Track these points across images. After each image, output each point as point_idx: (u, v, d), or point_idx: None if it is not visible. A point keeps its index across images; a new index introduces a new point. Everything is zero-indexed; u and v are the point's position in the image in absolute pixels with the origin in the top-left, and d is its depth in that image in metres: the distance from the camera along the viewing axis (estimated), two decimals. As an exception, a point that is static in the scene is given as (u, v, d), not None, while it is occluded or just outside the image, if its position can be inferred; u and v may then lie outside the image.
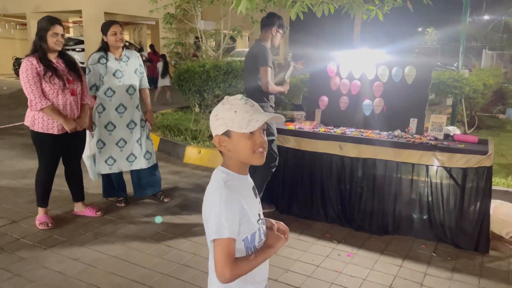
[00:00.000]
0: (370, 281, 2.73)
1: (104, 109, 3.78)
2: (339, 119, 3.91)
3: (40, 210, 3.50)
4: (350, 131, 3.65)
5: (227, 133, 1.28)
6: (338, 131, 3.66)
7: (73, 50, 15.33)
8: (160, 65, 11.53)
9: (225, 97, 1.33)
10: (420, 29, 25.00)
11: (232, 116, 1.26)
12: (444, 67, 11.04)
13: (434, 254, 3.10)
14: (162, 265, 2.91)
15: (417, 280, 2.75)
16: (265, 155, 1.33)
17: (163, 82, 11.43)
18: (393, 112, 3.70)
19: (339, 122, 3.89)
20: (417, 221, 3.39)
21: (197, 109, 7.23)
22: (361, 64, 3.85)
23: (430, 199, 3.33)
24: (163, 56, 11.80)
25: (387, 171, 3.41)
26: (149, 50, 16.02)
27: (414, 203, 3.39)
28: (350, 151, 3.50)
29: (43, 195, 3.47)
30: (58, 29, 3.25)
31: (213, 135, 1.31)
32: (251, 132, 1.27)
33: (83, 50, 15.36)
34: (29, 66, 3.17)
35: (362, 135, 3.55)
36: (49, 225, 3.44)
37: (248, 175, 1.39)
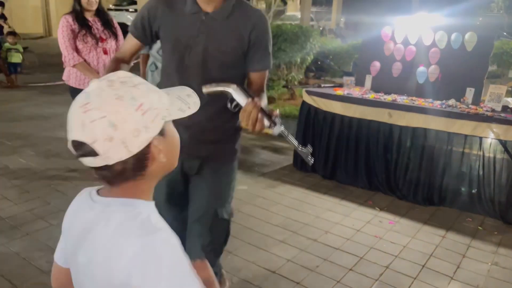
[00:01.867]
0: (411, 249, 2.73)
1: (156, 67, 3.89)
2: (390, 85, 3.80)
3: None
4: (401, 99, 3.55)
5: (161, 131, 0.77)
6: (389, 98, 3.57)
7: (126, 10, 15.64)
8: None
9: (108, 76, 0.77)
10: (486, -4, 23.12)
11: (158, 99, 0.76)
12: (510, 37, 10.26)
13: (480, 228, 3.03)
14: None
15: (460, 251, 2.72)
16: None
17: None
18: (448, 80, 3.54)
19: (390, 89, 3.78)
20: (464, 194, 3.30)
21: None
22: (418, 28, 3.68)
23: (481, 172, 3.21)
24: None
25: (437, 142, 3.31)
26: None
27: (463, 176, 3.29)
28: (400, 119, 3.42)
29: None
30: None
31: (141, 147, 0.74)
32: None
33: (136, 10, 15.64)
34: (65, 23, 3.31)
35: (413, 103, 3.44)
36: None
37: None
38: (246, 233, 2.87)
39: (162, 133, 0.77)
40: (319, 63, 7.96)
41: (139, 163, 0.76)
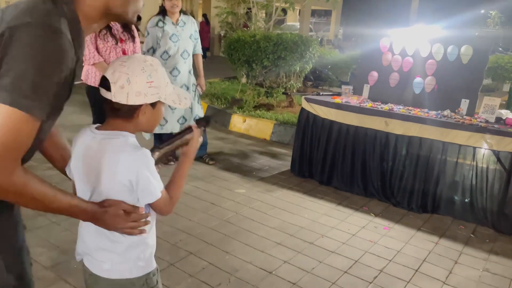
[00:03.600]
0: (404, 254, 2.80)
1: (159, 71, 3.96)
2: (387, 95, 3.89)
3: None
4: (398, 108, 3.64)
5: (153, 104, 1.16)
6: (386, 107, 3.65)
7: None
8: None
9: (146, 56, 1.16)
10: (483, 11, 23.47)
11: (165, 86, 1.16)
12: (505, 52, 10.45)
13: (472, 235, 3.10)
14: (206, 219, 3.11)
15: (452, 258, 2.78)
16: None
17: None
18: (444, 91, 3.64)
19: (388, 98, 3.87)
20: (458, 202, 3.37)
21: (244, 80, 7.35)
22: (416, 40, 3.78)
23: (474, 182, 3.29)
24: None
25: (432, 151, 3.38)
26: (201, 19, 16.19)
27: (456, 185, 3.37)
28: (396, 128, 3.50)
29: None
30: None
31: (135, 102, 1.12)
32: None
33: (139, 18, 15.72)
34: None
35: (409, 112, 3.53)
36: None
37: None
38: (244, 234, 2.93)
39: (153, 106, 1.16)
40: (317, 72, 8.07)
41: (129, 111, 1.14)
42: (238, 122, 5.80)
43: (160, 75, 1.14)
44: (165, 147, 1.29)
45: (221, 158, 4.52)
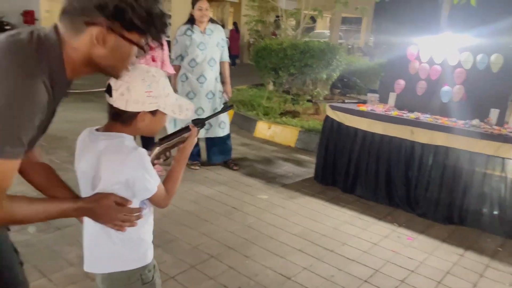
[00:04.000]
0: (427, 265, 2.74)
1: (187, 78, 4.08)
2: (414, 104, 3.84)
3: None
4: (425, 117, 3.58)
5: (153, 112, 1.24)
6: (412, 115, 3.61)
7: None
8: None
9: (150, 68, 1.25)
10: (521, 18, 22.62)
11: (165, 97, 1.24)
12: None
13: (500, 249, 3.01)
14: (228, 223, 3.16)
15: (477, 271, 2.71)
16: None
17: None
18: (473, 100, 3.55)
19: (414, 107, 3.81)
20: (486, 214, 3.27)
21: (270, 87, 7.41)
22: (444, 49, 3.72)
23: (503, 194, 3.19)
24: None
25: (459, 161, 3.31)
26: (231, 27, 16.40)
27: (485, 196, 3.27)
28: (422, 137, 3.44)
29: None
30: None
31: (133, 109, 1.20)
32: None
33: (169, 24, 16.13)
34: None
35: (436, 121, 3.47)
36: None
37: None
38: (265, 240, 2.95)
39: (153, 114, 1.23)
40: (345, 80, 8.03)
41: (128, 117, 1.21)
42: (263, 128, 5.85)
43: (160, 86, 1.22)
44: (165, 143, 1.39)
45: (245, 164, 4.57)
